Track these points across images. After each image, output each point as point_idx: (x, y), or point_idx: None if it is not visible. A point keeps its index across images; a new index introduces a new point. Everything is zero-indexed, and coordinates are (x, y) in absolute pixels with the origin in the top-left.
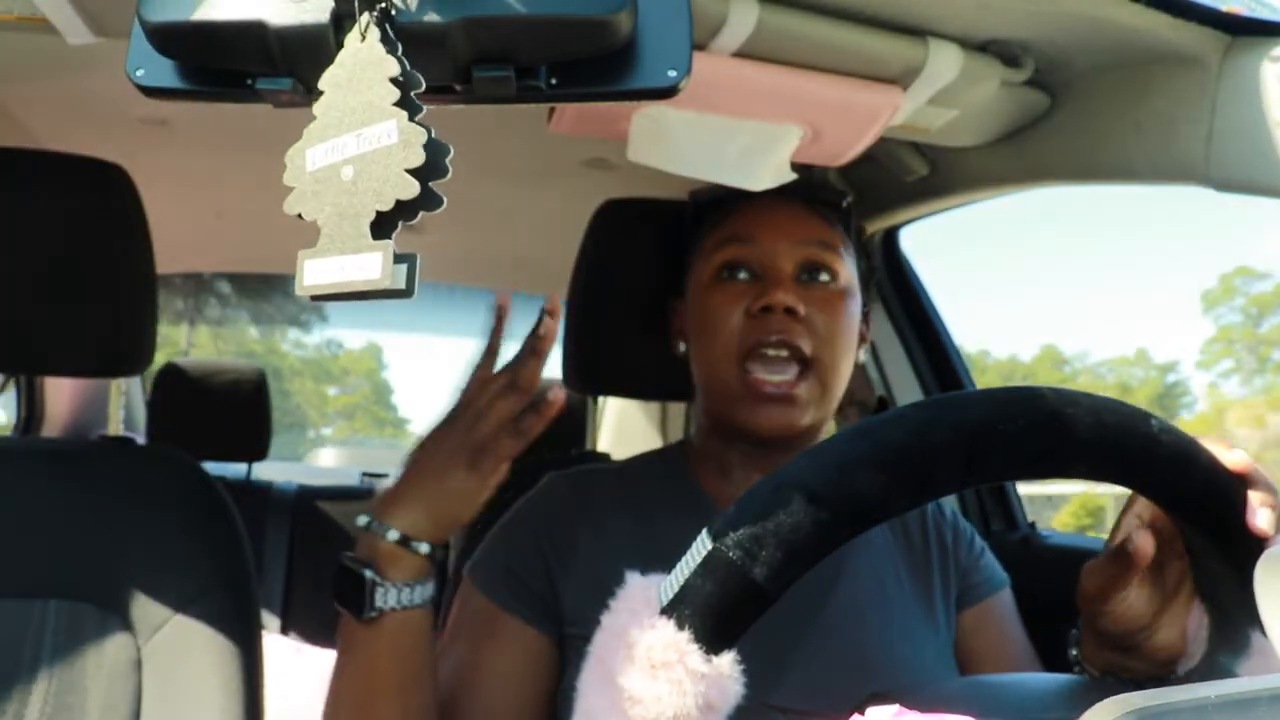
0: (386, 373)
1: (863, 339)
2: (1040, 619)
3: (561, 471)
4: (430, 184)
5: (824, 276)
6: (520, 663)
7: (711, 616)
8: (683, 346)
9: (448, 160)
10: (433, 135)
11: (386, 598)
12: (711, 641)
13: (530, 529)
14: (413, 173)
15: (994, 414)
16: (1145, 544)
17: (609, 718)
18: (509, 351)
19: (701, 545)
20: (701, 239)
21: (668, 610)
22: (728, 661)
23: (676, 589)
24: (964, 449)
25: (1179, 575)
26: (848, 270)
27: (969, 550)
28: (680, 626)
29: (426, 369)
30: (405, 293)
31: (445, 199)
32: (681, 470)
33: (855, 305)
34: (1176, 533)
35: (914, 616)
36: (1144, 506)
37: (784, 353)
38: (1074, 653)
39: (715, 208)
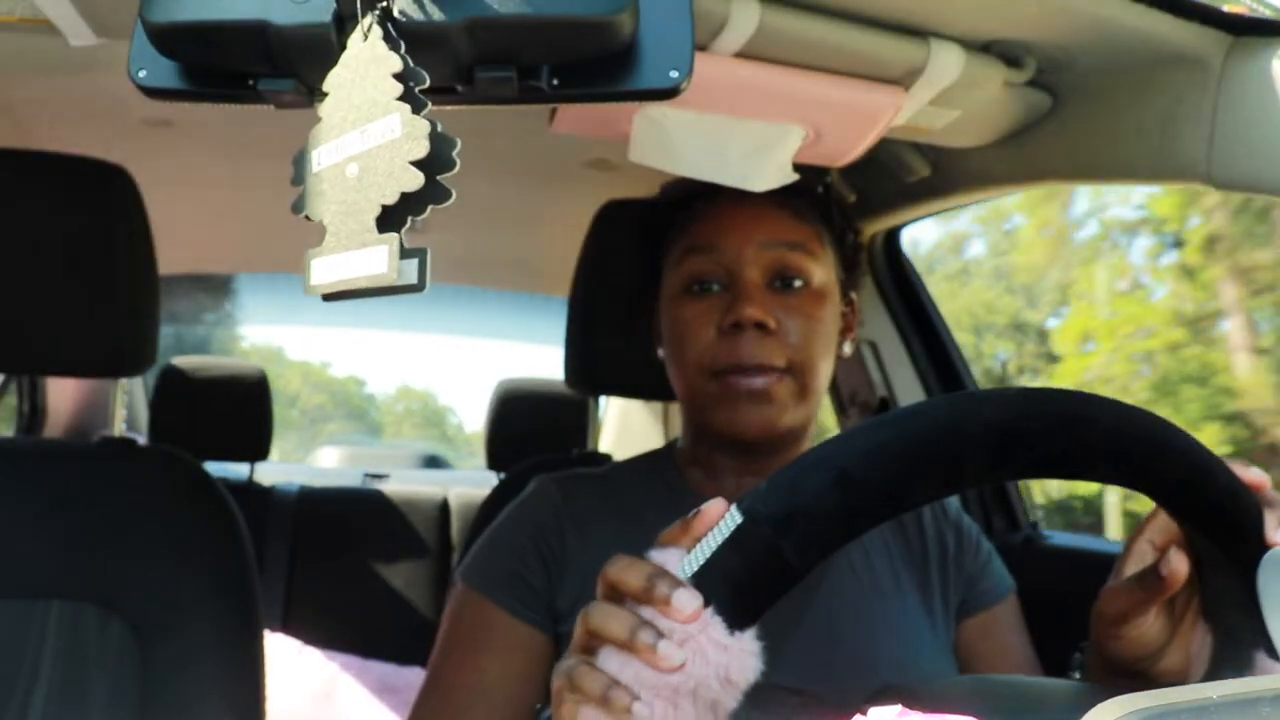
0: None
1: (848, 330)
2: (1043, 620)
3: (549, 475)
4: (438, 177)
5: (796, 282)
6: (524, 662)
7: (737, 590)
8: (660, 351)
9: (455, 154)
10: (438, 128)
11: None
12: (735, 615)
13: (523, 530)
14: (418, 165)
15: (1022, 411)
16: (1181, 566)
17: (630, 679)
18: (524, 353)
19: (731, 520)
20: (669, 244)
21: (692, 582)
22: (749, 637)
23: (702, 562)
24: (991, 444)
25: (1187, 599)
26: (822, 268)
27: (975, 555)
28: (704, 599)
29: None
30: (417, 287)
31: (454, 193)
32: (670, 472)
33: (831, 304)
34: (1188, 555)
35: (908, 610)
36: (1156, 531)
37: (755, 373)
38: (1076, 675)
39: (681, 210)
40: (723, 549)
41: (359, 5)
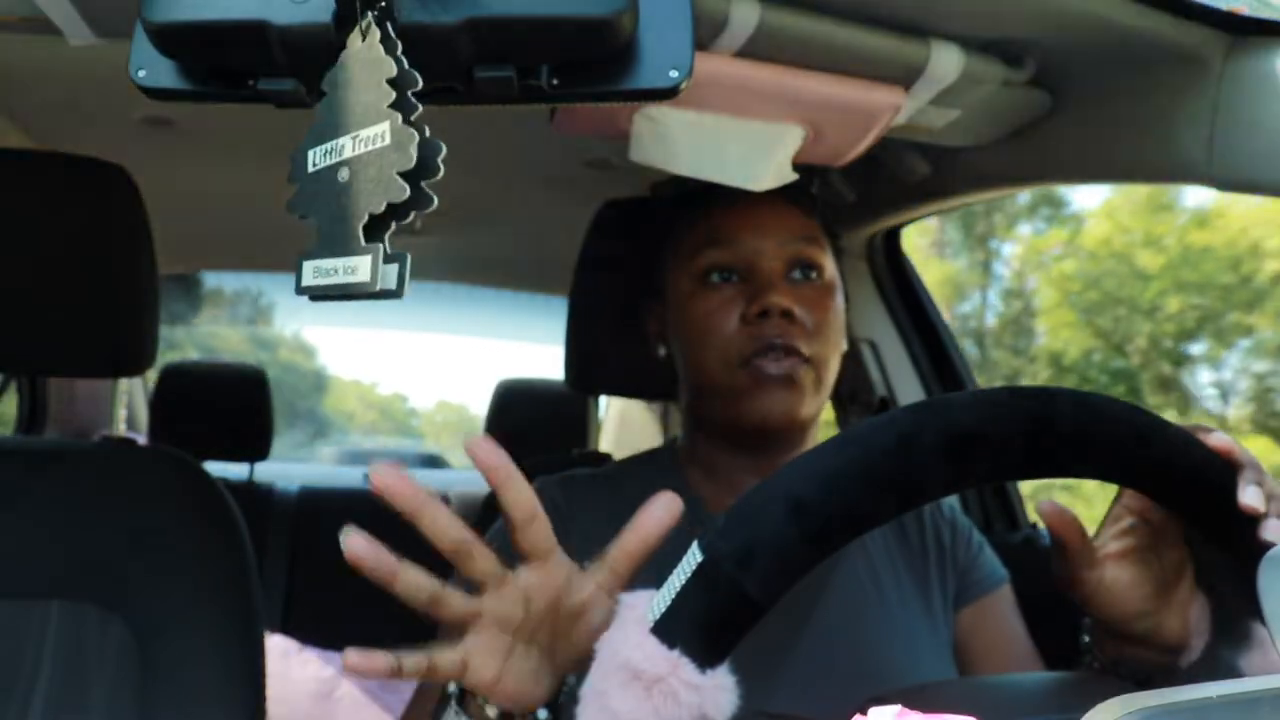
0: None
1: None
2: (1042, 619)
3: (549, 476)
4: (422, 184)
5: (813, 274)
6: None
7: (704, 630)
8: (663, 350)
9: (440, 159)
10: (425, 135)
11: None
12: (704, 655)
13: None
14: (404, 175)
15: (981, 416)
16: (1054, 521)
17: None
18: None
19: (692, 558)
20: (676, 241)
21: (659, 625)
22: (721, 673)
23: (668, 604)
24: (952, 453)
25: (1176, 564)
26: (831, 263)
27: (967, 547)
28: (672, 642)
29: None
30: (395, 293)
31: (436, 199)
32: (670, 472)
33: (841, 298)
34: (1170, 520)
35: (911, 614)
36: (1133, 494)
37: (782, 355)
38: (1086, 640)
39: (686, 207)
40: (686, 589)
41: (358, 5)
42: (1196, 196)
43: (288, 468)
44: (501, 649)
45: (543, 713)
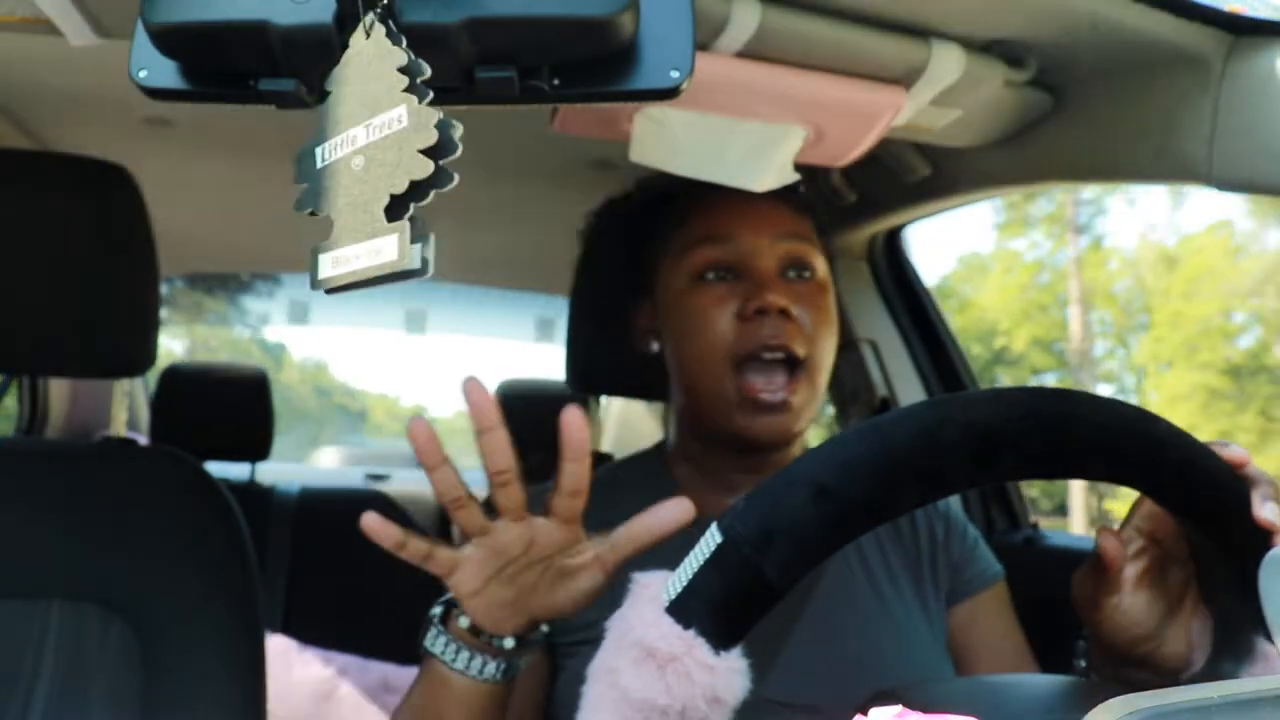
0: None
1: None
2: (1043, 620)
3: (539, 485)
4: (442, 162)
5: (806, 272)
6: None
7: (720, 611)
8: (655, 346)
9: (458, 137)
10: (442, 115)
11: (436, 644)
12: (719, 636)
13: None
14: (426, 152)
15: (1004, 413)
16: (1110, 546)
17: (615, 713)
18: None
19: (711, 539)
20: (668, 238)
21: (675, 604)
22: (735, 655)
23: (684, 583)
24: (973, 448)
25: (1183, 583)
26: (823, 262)
27: (962, 543)
28: (687, 621)
29: None
30: (421, 272)
31: (456, 176)
32: (660, 475)
33: (832, 295)
34: (1179, 540)
35: (904, 603)
36: (1144, 516)
37: (779, 355)
38: (1081, 664)
39: (675, 203)
40: (704, 570)
41: (360, 4)
42: (971, 287)
43: (289, 467)
44: (488, 571)
45: (509, 641)
